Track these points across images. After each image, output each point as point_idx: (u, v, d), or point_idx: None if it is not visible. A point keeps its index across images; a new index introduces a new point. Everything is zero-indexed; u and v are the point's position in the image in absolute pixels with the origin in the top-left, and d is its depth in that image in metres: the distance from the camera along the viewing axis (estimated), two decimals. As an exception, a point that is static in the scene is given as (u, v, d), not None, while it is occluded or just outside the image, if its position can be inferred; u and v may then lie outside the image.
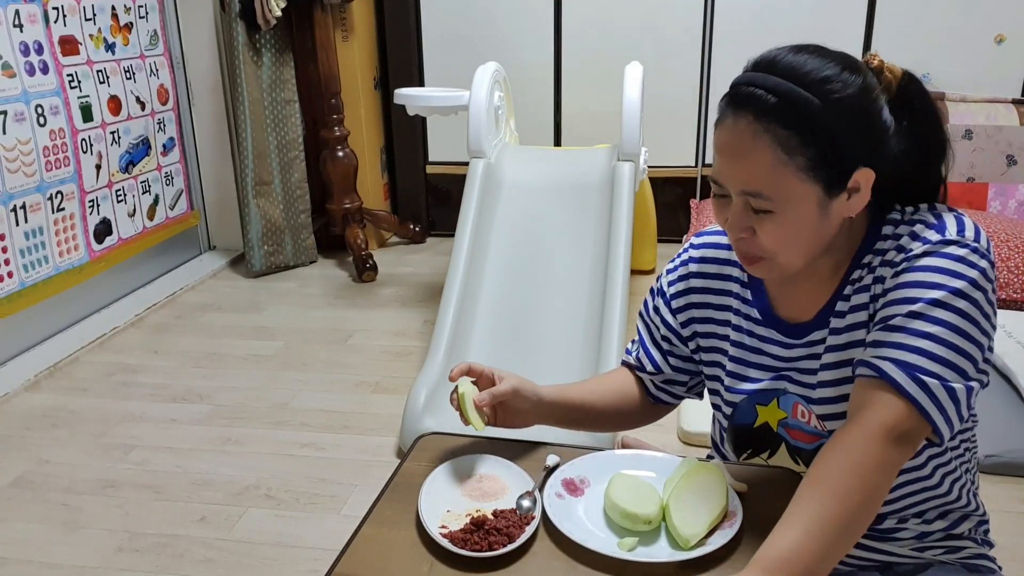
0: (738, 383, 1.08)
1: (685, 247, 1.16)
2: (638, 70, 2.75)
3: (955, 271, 0.88)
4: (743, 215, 0.92)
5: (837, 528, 0.81)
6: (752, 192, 0.90)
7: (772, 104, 0.87)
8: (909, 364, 0.86)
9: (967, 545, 1.06)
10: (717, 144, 0.93)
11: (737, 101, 0.90)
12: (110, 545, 1.81)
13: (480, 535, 0.91)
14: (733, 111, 0.90)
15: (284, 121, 3.46)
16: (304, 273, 3.55)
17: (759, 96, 0.88)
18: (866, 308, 0.95)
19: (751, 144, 0.88)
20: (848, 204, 0.92)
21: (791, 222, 0.91)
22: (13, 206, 2.61)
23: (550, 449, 1.09)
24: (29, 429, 2.30)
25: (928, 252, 0.90)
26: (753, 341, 1.06)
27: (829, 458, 0.85)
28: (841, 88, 0.88)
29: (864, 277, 0.96)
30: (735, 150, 0.90)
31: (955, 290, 0.87)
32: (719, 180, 0.94)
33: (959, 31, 3.40)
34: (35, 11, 2.69)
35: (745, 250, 0.95)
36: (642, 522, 0.93)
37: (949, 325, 0.87)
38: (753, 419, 1.08)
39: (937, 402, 0.86)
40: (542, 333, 2.37)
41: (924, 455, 0.99)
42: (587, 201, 2.63)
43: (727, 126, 0.91)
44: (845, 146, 0.89)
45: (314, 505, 1.94)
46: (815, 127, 0.87)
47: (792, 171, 0.88)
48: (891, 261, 0.93)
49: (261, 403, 2.43)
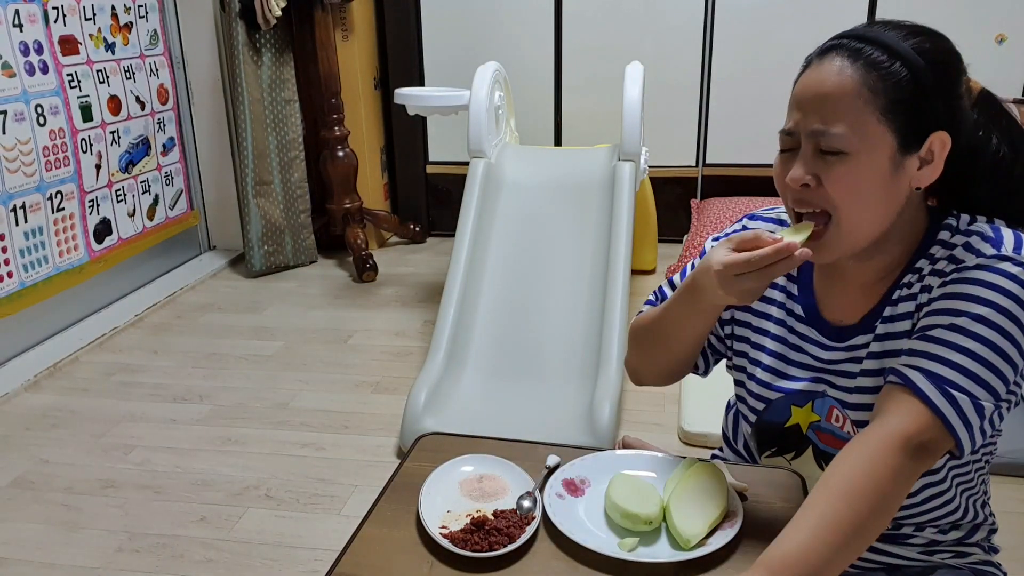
0: (777, 380, 1.05)
1: (739, 222, 1.11)
2: (639, 70, 2.75)
3: (1005, 288, 0.86)
4: (812, 158, 0.89)
5: (846, 532, 0.79)
6: (827, 127, 0.87)
7: (861, 48, 0.88)
8: (941, 377, 0.85)
9: (975, 551, 1.06)
10: (796, 92, 0.91)
11: (825, 49, 0.90)
12: (110, 545, 1.81)
13: (480, 535, 0.91)
14: (819, 57, 0.90)
15: (284, 121, 3.46)
16: (304, 273, 3.55)
17: (847, 43, 0.89)
18: (910, 317, 0.93)
19: (835, 77, 0.87)
20: (919, 173, 0.90)
21: (862, 168, 0.87)
22: (13, 206, 2.61)
23: (550, 449, 1.09)
24: (29, 429, 2.30)
25: (981, 266, 0.87)
26: (794, 338, 1.04)
27: (845, 462, 0.84)
28: (932, 45, 0.89)
29: (914, 284, 0.94)
30: (818, 85, 0.88)
31: (1001, 308, 0.85)
32: (790, 127, 0.91)
33: (960, 31, 3.32)
34: (35, 11, 2.69)
35: (809, 198, 0.90)
36: (643, 522, 0.92)
37: (988, 343, 0.85)
38: (785, 419, 1.06)
39: (964, 417, 0.84)
40: (542, 333, 2.37)
41: (945, 469, 0.98)
42: (588, 201, 2.63)
43: (812, 69, 0.90)
44: (928, 98, 0.87)
45: (314, 505, 1.94)
46: (901, 72, 0.86)
47: (872, 109, 0.86)
48: (941, 271, 0.91)
49: (261, 403, 2.42)
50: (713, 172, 3.71)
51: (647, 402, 2.31)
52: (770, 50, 3.46)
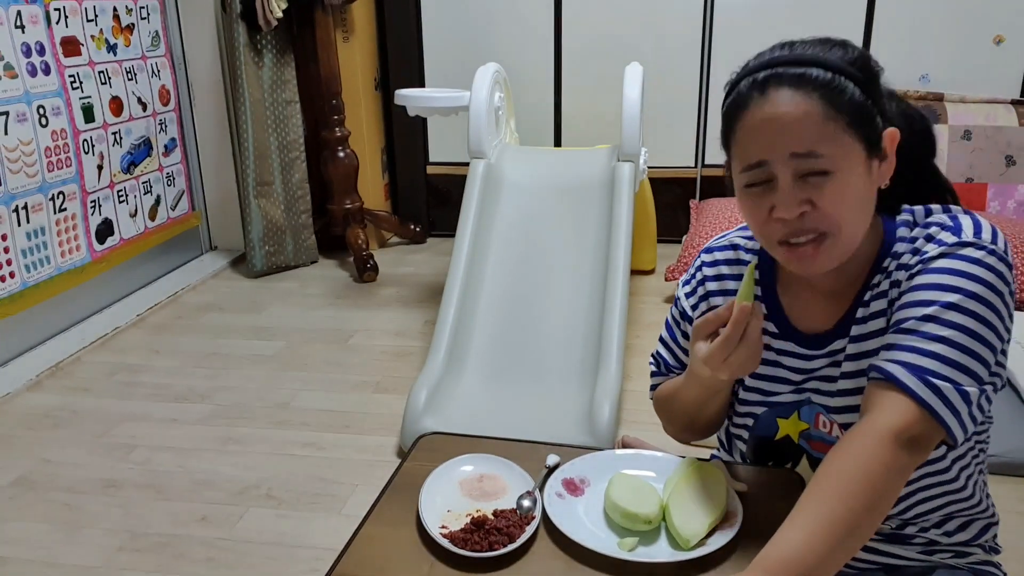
0: (757, 396, 1.06)
1: (696, 263, 1.12)
2: (638, 70, 2.75)
3: (971, 274, 0.87)
4: (798, 187, 0.88)
5: (842, 531, 0.79)
6: (806, 152, 0.87)
7: (801, 73, 0.88)
8: (921, 368, 0.85)
9: (975, 551, 1.06)
10: (751, 124, 0.89)
11: (762, 82, 0.89)
12: (111, 545, 1.81)
13: (480, 535, 0.92)
14: (761, 90, 0.89)
15: (285, 122, 3.46)
16: (305, 273, 3.55)
17: (783, 71, 0.88)
18: (884, 315, 0.94)
19: (794, 107, 0.87)
20: (882, 171, 0.92)
21: (849, 182, 0.88)
22: (15, 206, 2.61)
23: (550, 449, 1.09)
24: (31, 429, 2.30)
25: (944, 254, 0.89)
26: (770, 355, 1.04)
27: (836, 460, 0.84)
28: (853, 52, 0.91)
29: (882, 282, 0.95)
30: (779, 116, 0.87)
31: (971, 293, 0.86)
32: (760, 159, 0.89)
33: (958, 32, 3.40)
34: (37, 12, 2.69)
35: (804, 225, 0.90)
36: (642, 522, 0.93)
37: (963, 329, 0.86)
38: (774, 432, 1.07)
39: (950, 405, 0.84)
40: (542, 333, 2.37)
41: (949, 458, 0.99)
42: (587, 202, 2.63)
43: (757, 104, 0.89)
44: (875, 102, 0.90)
45: (315, 505, 1.94)
46: (848, 86, 0.87)
47: (840, 127, 0.87)
48: (907, 264, 0.92)
49: (262, 403, 2.43)
50: (712, 173, 3.72)
51: (647, 402, 2.29)
52: (770, 51, 3.46)
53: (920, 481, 1.00)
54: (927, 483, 1.00)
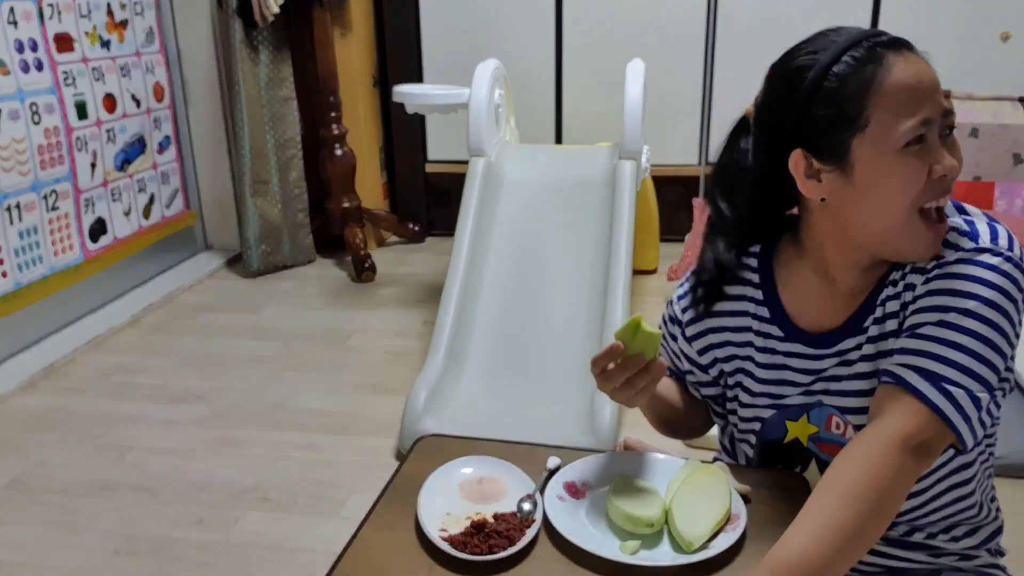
0: (765, 400, 1.05)
1: (694, 267, 1.11)
2: (640, 67, 2.74)
3: (988, 280, 0.87)
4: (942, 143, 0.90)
5: (849, 534, 0.80)
6: (950, 109, 0.89)
7: (908, 42, 0.91)
8: (936, 374, 0.85)
9: (981, 555, 1.05)
10: (903, 82, 0.87)
11: (893, 43, 0.90)
12: (107, 547, 1.79)
13: (480, 538, 0.91)
14: (896, 50, 0.89)
15: (282, 119, 3.44)
16: (302, 273, 3.54)
17: (900, 39, 0.91)
18: (897, 316, 0.94)
19: (927, 67, 0.89)
20: None
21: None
22: (7, 205, 2.59)
23: (551, 451, 1.08)
24: (25, 430, 2.29)
25: (962, 260, 0.89)
26: (777, 359, 1.03)
27: (845, 463, 0.84)
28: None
29: (898, 283, 0.94)
30: (926, 75, 0.88)
31: (987, 300, 0.86)
32: (926, 117, 0.87)
33: (965, 29, 3.39)
34: (30, 8, 2.67)
35: (952, 185, 0.90)
36: (644, 525, 0.92)
37: (978, 336, 0.86)
38: (783, 435, 1.05)
39: (962, 411, 0.85)
40: (543, 334, 2.36)
41: (956, 462, 0.98)
42: (588, 200, 2.62)
43: (902, 63, 0.88)
44: None
45: (312, 507, 1.93)
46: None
47: None
48: (922, 268, 0.91)
49: (259, 404, 2.41)
50: (715, 171, 3.70)
51: (648, 402, 2.30)
52: (773, 46, 3.40)
53: (932, 489, 0.99)
54: (938, 490, 0.99)
